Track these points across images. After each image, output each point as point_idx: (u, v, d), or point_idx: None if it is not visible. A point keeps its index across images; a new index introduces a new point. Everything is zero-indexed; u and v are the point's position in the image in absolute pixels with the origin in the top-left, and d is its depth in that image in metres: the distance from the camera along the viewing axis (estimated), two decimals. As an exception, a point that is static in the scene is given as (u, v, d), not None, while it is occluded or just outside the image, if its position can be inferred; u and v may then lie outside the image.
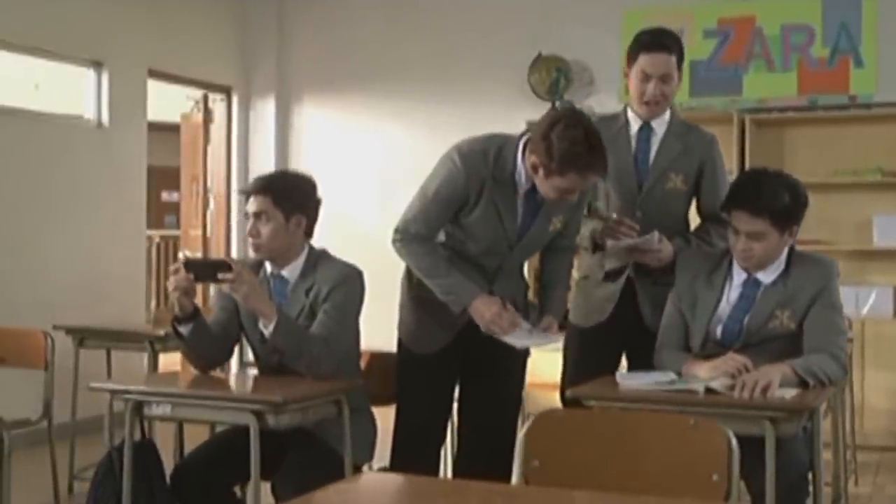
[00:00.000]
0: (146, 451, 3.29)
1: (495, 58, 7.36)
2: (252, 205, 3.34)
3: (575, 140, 3.10)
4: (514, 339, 3.32)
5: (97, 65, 6.78)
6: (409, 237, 3.35)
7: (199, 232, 8.16)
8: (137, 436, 3.22)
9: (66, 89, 6.90)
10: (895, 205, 6.39)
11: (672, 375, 3.14)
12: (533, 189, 3.30)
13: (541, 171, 3.18)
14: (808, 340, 3.19)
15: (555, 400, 5.44)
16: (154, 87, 7.21)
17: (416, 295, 3.48)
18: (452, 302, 3.32)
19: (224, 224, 8.04)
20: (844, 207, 6.47)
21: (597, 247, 3.65)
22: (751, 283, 3.28)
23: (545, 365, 5.45)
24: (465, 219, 3.34)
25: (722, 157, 3.81)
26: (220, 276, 3.19)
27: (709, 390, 2.93)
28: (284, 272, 3.40)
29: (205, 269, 3.25)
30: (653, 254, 3.53)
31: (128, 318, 6.63)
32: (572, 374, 3.62)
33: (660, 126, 3.70)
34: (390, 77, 7.70)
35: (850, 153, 6.45)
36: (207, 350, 3.37)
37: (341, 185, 7.78)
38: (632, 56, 3.62)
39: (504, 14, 7.38)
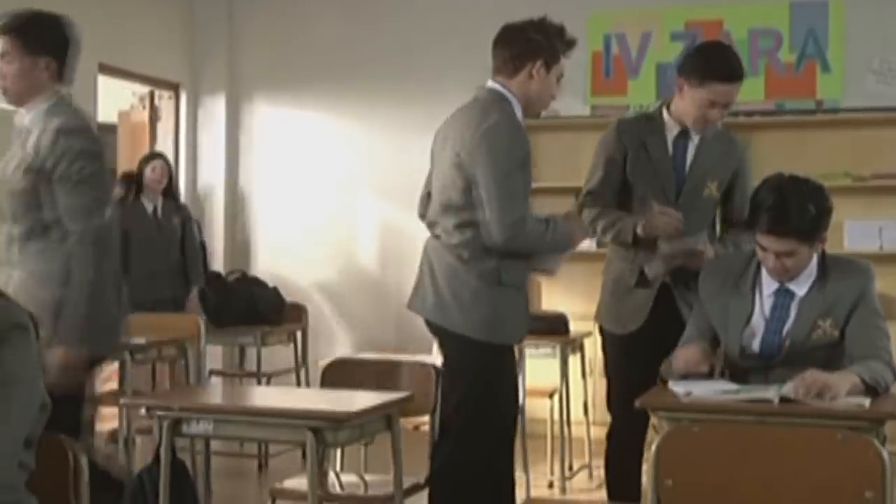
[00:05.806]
0: (177, 472, 3.07)
1: (457, 58, 7.17)
2: None
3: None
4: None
5: (47, 58, 6.41)
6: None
7: (143, 234, 7.79)
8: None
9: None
10: (865, 209, 6.43)
11: (732, 384, 3.05)
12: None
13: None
14: (855, 347, 3.11)
15: (547, 408, 5.34)
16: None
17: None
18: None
19: (171, 226, 7.69)
20: (814, 212, 6.48)
21: (637, 240, 3.54)
22: (783, 293, 3.17)
23: (540, 373, 5.36)
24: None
25: (751, 162, 3.80)
26: None
27: (783, 399, 2.84)
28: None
29: None
30: (700, 257, 3.43)
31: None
32: (622, 384, 3.51)
33: (696, 132, 3.64)
34: (347, 76, 7.44)
35: (819, 158, 6.46)
36: None
37: (295, 186, 7.55)
38: (696, 77, 3.51)
39: (466, 13, 7.22)
